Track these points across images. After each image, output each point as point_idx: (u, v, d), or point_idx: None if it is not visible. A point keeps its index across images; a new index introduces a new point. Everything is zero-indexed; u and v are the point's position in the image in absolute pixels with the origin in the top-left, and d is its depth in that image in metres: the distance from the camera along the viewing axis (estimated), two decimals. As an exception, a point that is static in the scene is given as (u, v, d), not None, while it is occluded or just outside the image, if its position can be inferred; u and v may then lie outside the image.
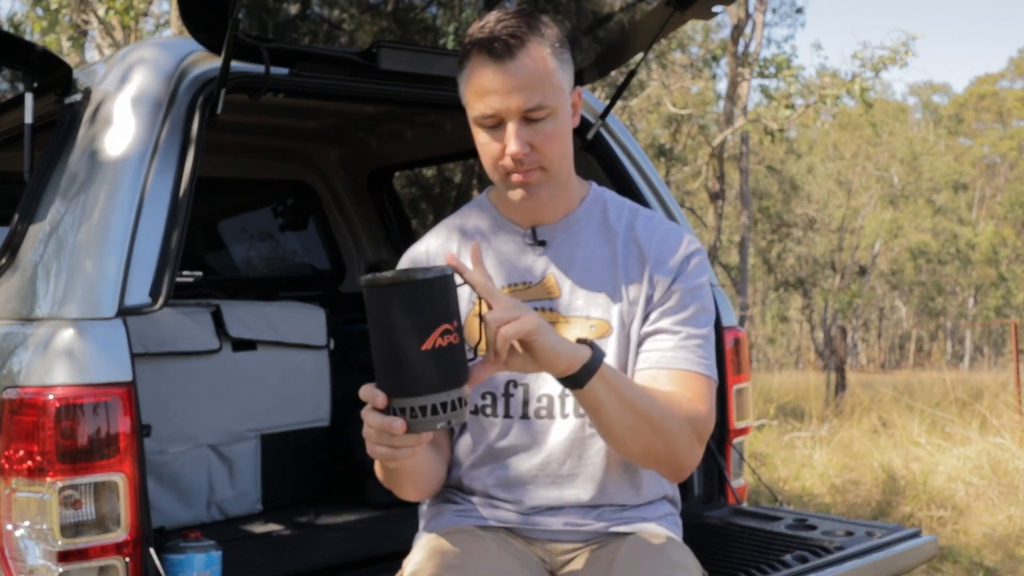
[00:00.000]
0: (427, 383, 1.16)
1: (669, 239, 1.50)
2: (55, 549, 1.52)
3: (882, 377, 12.25)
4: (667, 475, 1.46)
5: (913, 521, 4.50)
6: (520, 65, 1.36)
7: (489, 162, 1.43)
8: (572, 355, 1.26)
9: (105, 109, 1.83)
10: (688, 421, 1.38)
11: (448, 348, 1.16)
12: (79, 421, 1.54)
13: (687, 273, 1.47)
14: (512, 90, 1.36)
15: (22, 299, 1.73)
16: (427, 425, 1.17)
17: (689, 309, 1.46)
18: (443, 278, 1.17)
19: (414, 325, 1.15)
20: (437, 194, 6.39)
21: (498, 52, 1.36)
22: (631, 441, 1.35)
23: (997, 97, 33.61)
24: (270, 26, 2.23)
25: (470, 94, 1.42)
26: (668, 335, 1.44)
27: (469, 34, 1.42)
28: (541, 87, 1.37)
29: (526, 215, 1.51)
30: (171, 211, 1.74)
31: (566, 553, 1.51)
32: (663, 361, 1.43)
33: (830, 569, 1.94)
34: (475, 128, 1.44)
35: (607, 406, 1.31)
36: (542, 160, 1.40)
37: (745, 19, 11.82)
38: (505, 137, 1.39)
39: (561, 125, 1.42)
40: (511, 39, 1.36)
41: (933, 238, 27.59)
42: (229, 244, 3.56)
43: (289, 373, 2.77)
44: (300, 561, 2.26)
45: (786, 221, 20.62)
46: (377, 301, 1.17)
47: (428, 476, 1.49)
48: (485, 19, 1.41)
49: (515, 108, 1.37)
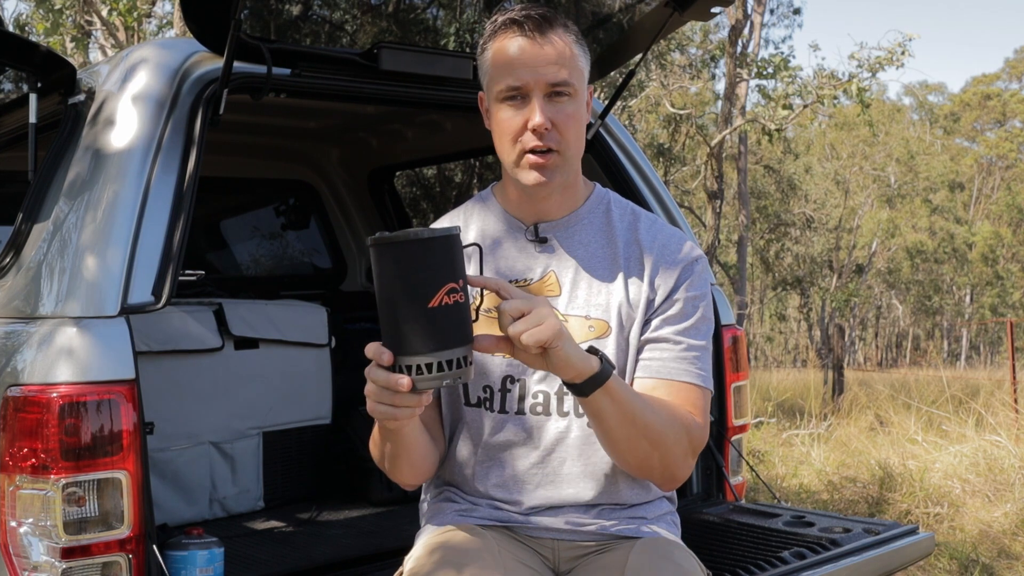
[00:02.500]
0: (433, 340, 1.17)
1: (671, 244, 1.51)
2: (59, 545, 1.53)
3: (879, 375, 12.26)
4: (659, 484, 1.49)
5: (910, 518, 4.52)
6: (549, 41, 1.41)
7: (508, 139, 1.44)
8: (582, 365, 1.28)
9: (108, 109, 1.84)
10: (685, 433, 1.40)
11: (454, 306, 1.17)
12: (82, 419, 1.55)
13: (690, 282, 1.49)
14: (542, 63, 1.40)
15: (26, 297, 1.74)
16: (432, 382, 1.18)
17: (691, 319, 1.47)
18: (449, 237, 1.18)
19: (421, 283, 1.16)
20: (437, 193, 6.40)
21: (529, 28, 1.41)
22: (628, 452, 1.38)
23: (1000, 99, 33.64)
24: (272, 27, 2.24)
25: (496, 69, 1.44)
26: (669, 345, 1.46)
27: (494, 19, 1.46)
28: (567, 66, 1.42)
29: (531, 210, 1.51)
30: (174, 210, 1.75)
31: (569, 552, 1.52)
32: (664, 372, 1.45)
33: (828, 565, 1.95)
34: (496, 106, 1.45)
35: (609, 417, 1.33)
36: (560, 141, 1.42)
37: (743, 20, 11.84)
38: (529, 110, 1.41)
39: (579, 109, 1.45)
40: (542, 19, 1.42)
41: (930, 237, 27.63)
42: (231, 243, 3.57)
43: (291, 371, 2.78)
44: (301, 558, 2.27)
45: (784, 220, 20.64)
46: (385, 259, 1.17)
47: (423, 454, 1.47)
48: (510, 7, 1.46)
49: (543, 81, 1.40)
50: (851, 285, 23.67)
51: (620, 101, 9.70)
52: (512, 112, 1.42)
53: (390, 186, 3.63)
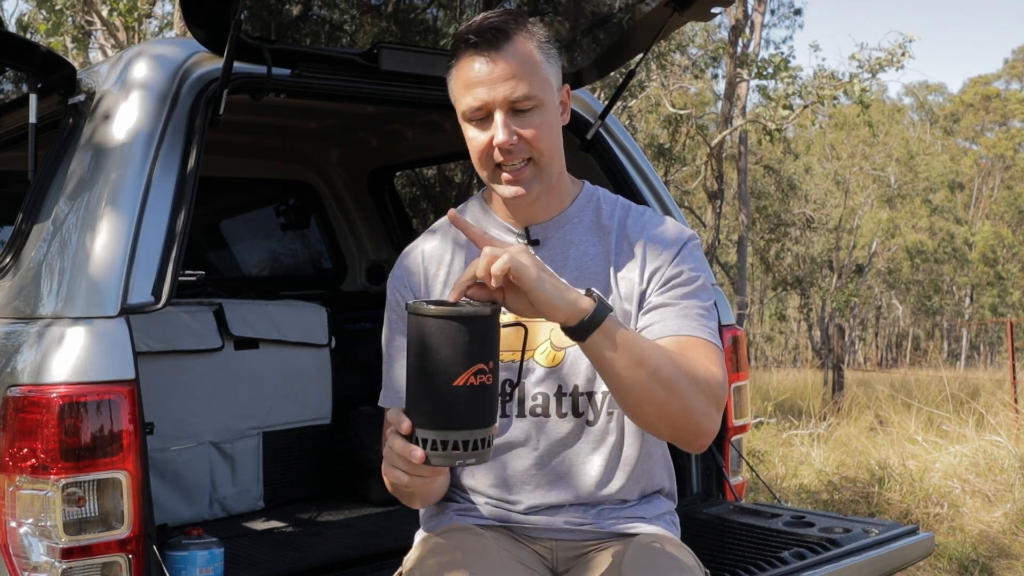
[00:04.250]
0: (453, 419, 1.15)
1: (660, 231, 1.50)
2: (59, 546, 1.53)
3: (879, 375, 12.25)
4: (687, 442, 1.37)
5: (910, 518, 4.52)
6: (505, 56, 1.39)
7: (477, 156, 1.44)
8: (571, 307, 1.24)
9: (108, 109, 1.84)
10: (703, 380, 1.32)
11: (480, 388, 1.15)
12: (82, 419, 1.55)
13: (681, 256, 1.47)
14: (498, 80, 1.38)
15: (26, 298, 1.74)
16: (445, 460, 1.17)
17: (690, 286, 1.44)
18: (487, 317, 1.16)
19: (450, 360, 1.14)
20: (437, 193, 6.40)
21: (483, 45, 1.39)
22: (644, 400, 1.29)
23: (1000, 99, 33.63)
24: (272, 27, 2.24)
25: (458, 89, 1.43)
26: (669, 307, 1.42)
27: (456, 34, 1.44)
28: (527, 78, 1.39)
29: (519, 214, 1.51)
30: (173, 210, 1.75)
31: (568, 551, 1.52)
32: (667, 330, 1.39)
33: (828, 566, 1.95)
34: (464, 125, 1.45)
35: (612, 361, 1.26)
36: (531, 151, 1.41)
37: (744, 20, 11.84)
38: (492, 128, 1.40)
39: (549, 117, 1.42)
40: (496, 32, 1.39)
41: (930, 237, 27.63)
42: (231, 243, 3.58)
43: (291, 371, 2.78)
44: (301, 558, 2.27)
45: (784, 221, 20.64)
46: (418, 329, 1.16)
47: (437, 492, 1.50)
48: (472, 20, 1.44)
49: (501, 98, 1.39)
50: (851, 285, 23.67)
51: (620, 101, 9.71)
52: (477, 131, 1.42)
53: (390, 186, 3.64)
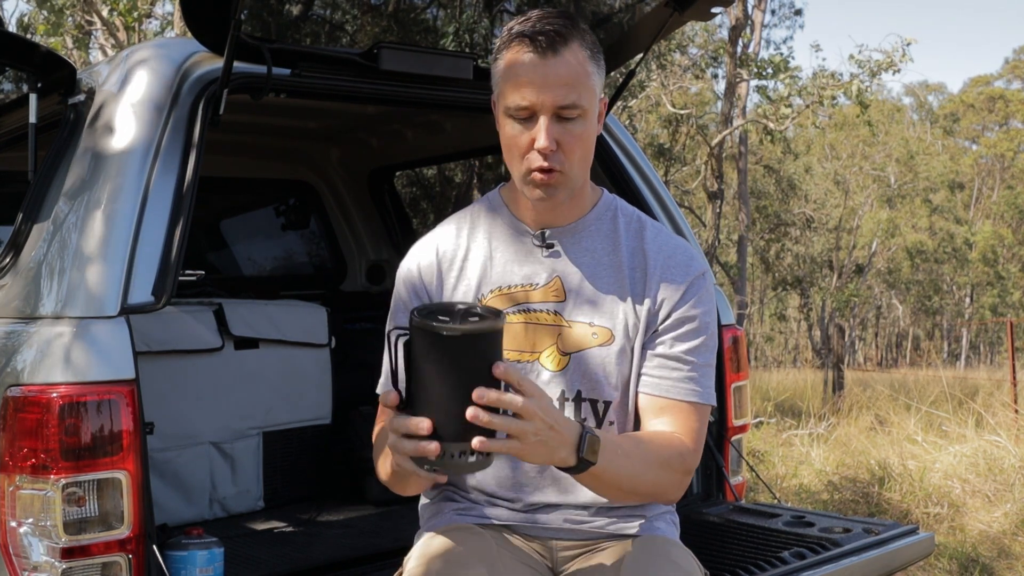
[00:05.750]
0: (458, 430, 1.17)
1: (676, 255, 1.52)
2: (58, 546, 1.53)
3: (879, 375, 12.25)
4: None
5: (910, 518, 4.52)
6: (561, 61, 1.38)
7: (515, 154, 1.43)
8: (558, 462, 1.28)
9: (108, 109, 1.84)
10: (676, 460, 1.43)
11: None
12: (82, 419, 1.55)
13: (698, 298, 1.50)
14: (550, 84, 1.37)
15: (26, 298, 1.74)
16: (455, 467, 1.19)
17: (701, 338, 1.49)
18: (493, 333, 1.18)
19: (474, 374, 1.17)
20: (437, 193, 6.40)
21: (542, 45, 1.37)
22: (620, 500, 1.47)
23: (1002, 99, 33.63)
24: (272, 27, 2.24)
25: (506, 84, 1.42)
26: (679, 365, 1.48)
27: (510, 26, 1.43)
28: (577, 87, 1.39)
29: (537, 217, 1.52)
30: (174, 210, 1.75)
31: (568, 551, 1.52)
32: (670, 392, 1.47)
33: (828, 566, 1.95)
34: (504, 119, 1.43)
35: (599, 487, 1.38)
36: (564, 162, 1.41)
37: (744, 20, 11.84)
38: (535, 130, 1.39)
39: (588, 128, 1.43)
40: (556, 35, 1.38)
41: (930, 237, 27.64)
42: (231, 243, 3.58)
43: (291, 371, 2.78)
44: (301, 558, 2.27)
45: (784, 220, 20.65)
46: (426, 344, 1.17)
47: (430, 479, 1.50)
48: (527, 14, 1.42)
49: (550, 103, 1.38)
50: (851, 285, 23.68)
51: (620, 101, 9.70)
52: (519, 129, 1.41)
53: (390, 186, 3.64)
